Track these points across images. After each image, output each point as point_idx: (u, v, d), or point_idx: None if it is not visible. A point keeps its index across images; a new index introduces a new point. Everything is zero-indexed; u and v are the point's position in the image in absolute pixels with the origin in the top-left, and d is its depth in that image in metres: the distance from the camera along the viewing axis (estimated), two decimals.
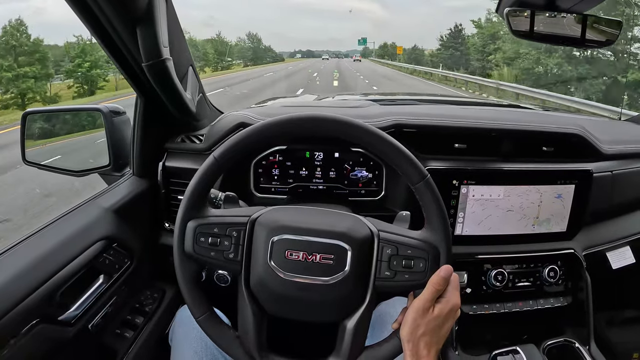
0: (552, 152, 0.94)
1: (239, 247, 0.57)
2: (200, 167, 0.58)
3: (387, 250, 0.56)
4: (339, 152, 0.93)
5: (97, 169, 0.99)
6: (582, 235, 0.99)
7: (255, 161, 0.93)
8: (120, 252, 0.84)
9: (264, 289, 0.57)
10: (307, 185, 0.95)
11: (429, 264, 0.56)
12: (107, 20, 0.67)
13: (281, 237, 0.56)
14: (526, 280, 0.95)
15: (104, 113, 0.95)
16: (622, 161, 1.02)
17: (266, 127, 0.58)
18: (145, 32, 0.68)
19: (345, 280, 0.55)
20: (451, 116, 0.96)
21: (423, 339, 0.53)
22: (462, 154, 0.92)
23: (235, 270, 0.58)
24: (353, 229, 0.57)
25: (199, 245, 0.57)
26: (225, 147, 0.57)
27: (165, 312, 0.95)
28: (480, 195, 0.90)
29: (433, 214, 0.57)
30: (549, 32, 0.89)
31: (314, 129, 0.59)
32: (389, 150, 0.58)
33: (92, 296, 0.76)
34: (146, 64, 0.70)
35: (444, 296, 0.55)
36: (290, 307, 0.58)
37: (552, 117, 1.19)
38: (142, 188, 0.94)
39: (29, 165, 0.99)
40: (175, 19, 0.81)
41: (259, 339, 0.57)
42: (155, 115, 0.91)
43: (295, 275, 0.55)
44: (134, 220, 0.90)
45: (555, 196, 0.92)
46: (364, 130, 0.58)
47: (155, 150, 0.95)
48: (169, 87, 0.77)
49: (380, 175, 0.94)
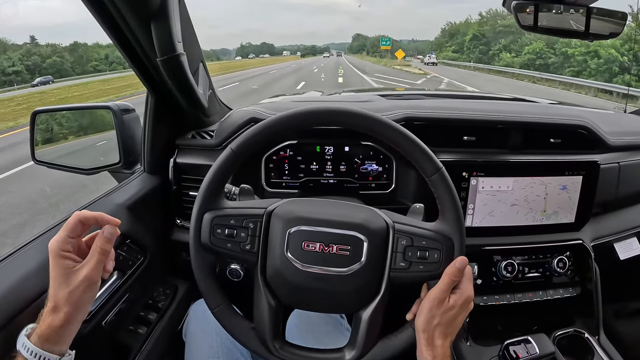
0: (560, 143, 0.95)
1: (255, 239, 0.58)
2: (213, 163, 0.59)
3: (402, 242, 0.57)
4: (349, 146, 0.94)
5: (108, 167, 0.99)
6: (590, 226, 0.99)
7: (266, 156, 0.94)
8: (133, 249, 0.84)
9: (281, 280, 0.57)
10: (317, 180, 0.96)
11: (444, 255, 0.56)
12: (121, 17, 0.68)
13: (298, 228, 0.57)
14: (535, 271, 0.96)
15: (113, 111, 0.95)
16: (628, 152, 1.03)
17: (283, 120, 0.58)
18: (159, 28, 0.69)
19: (362, 271, 0.56)
20: (459, 109, 0.97)
21: (438, 328, 0.54)
22: (472, 147, 0.93)
23: (251, 262, 0.58)
24: (369, 220, 0.58)
25: (216, 237, 0.57)
26: (243, 139, 0.58)
27: (178, 308, 0.96)
28: (489, 187, 0.90)
29: (447, 206, 0.57)
30: (554, 25, 0.90)
31: (329, 121, 0.60)
32: (404, 142, 0.58)
33: (106, 293, 0.76)
34: (161, 59, 0.71)
35: (459, 287, 0.56)
36: (307, 298, 0.58)
37: (558, 110, 1.20)
38: (153, 185, 0.95)
39: (39, 164, 0.99)
40: (187, 15, 0.82)
41: (274, 330, 0.58)
42: (166, 111, 0.91)
43: (312, 266, 0.56)
44: (146, 217, 0.90)
45: (560, 187, 0.93)
46: (378, 122, 0.58)
47: (166, 147, 0.96)
48: (183, 82, 0.78)
49: (391, 168, 0.95)
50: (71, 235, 0.51)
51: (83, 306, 0.51)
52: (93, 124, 1.13)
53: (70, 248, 0.51)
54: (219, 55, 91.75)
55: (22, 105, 14.17)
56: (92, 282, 0.50)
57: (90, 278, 0.50)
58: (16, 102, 15.56)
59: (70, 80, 32.24)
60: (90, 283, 0.50)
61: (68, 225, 0.51)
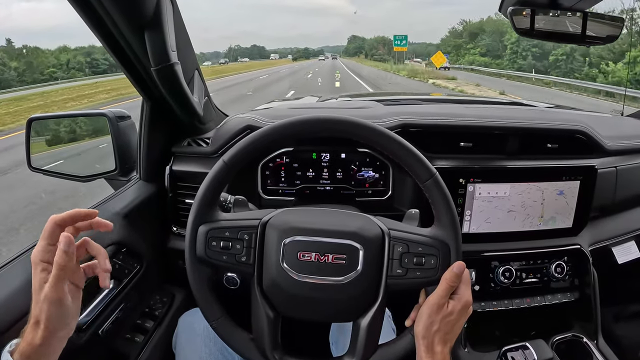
0: (557, 148, 0.95)
1: (251, 250, 0.57)
2: (209, 171, 0.58)
3: (398, 248, 0.56)
4: (346, 152, 0.94)
5: (104, 174, 0.99)
6: (588, 230, 0.99)
7: (263, 163, 0.93)
8: (129, 257, 0.84)
9: (277, 291, 0.57)
10: (314, 187, 0.95)
11: (440, 260, 0.56)
12: (114, 26, 0.67)
13: (293, 239, 0.56)
14: (533, 276, 0.96)
15: (109, 118, 0.95)
16: (625, 156, 1.03)
17: (273, 131, 0.58)
18: (153, 37, 0.68)
19: (358, 280, 0.55)
20: (456, 115, 0.97)
21: (437, 335, 0.54)
22: (468, 153, 0.93)
23: (247, 273, 0.58)
24: (364, 228, 0.58)
25: (211, 250, 0.57)
26: (235, 150, 0.58)
27: (175, 316, 0.95)
28: (486, 193, 0.90)
29: (442, 211, 0.57)
30: (550, 29, 0.90)
31: (321, 130, 0.59)
32: (397, 149, 0.58)
33: (103, 301, 0.76)
34: (155, 68, 0.70)
35: (457, 293, 0.56)
36: (304, 308, 0.58)
37: (555, 114, 1.19)
38: (149, 192, 0.94)
39: (34, 172, 0.99)
40: (181, 23, 0.81)
41: (273, 341, 0.57)
42: (162, 119, 0.91)
43: (308, 276, 0.56)
44: (142, 225, 0.90)
45: (557, 192, 0.93)
46: (372, 130, 0.58)
47: (162, 154, 0.96)
48: (177, 91, 0.77)
49: (387, 175, 0.94)
50: (51, 243, 0.48)
51: (59, 323, 0.47)
52: None
53: (50, 258, 0.48)
54: (207, 58, 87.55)
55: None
56: (53, 300, 0.46)
57: (49, 297, 0.46)
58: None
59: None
60: (52, 301, 0.46)
61: (45, 232, 0.48)
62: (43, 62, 48.55)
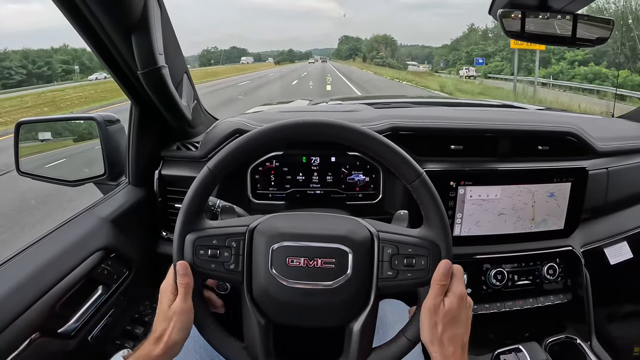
0: (548, 150, 0.95)
1: (239, 257, 0.56)
2: (196, 177, 0.57)
3: (387, 250, 0.56)
4: (336, 156, 0.93)
5: (93, 179, 0.98)
6: (580, 232, 0.99)
7: (252, 167, 0.93)
8: (118, 262, 0.83)
9: (268, 298, 0.56)
10: (304, 190, 0.95)
11: (431, 260, 0.56)
12: (101, 28, 0.67)
13: (281, 244, 0.56)
14: (525, 278, 0.96)
15: (98, 122, 0.94)
16: (616, 158, 1.03)
17: (259, 136, 0.57)
18: (140, 40, 0.67)
19: (348, 283, 0.55)
20: (446, 118, 0.97)
21: (445, 335, 0.54)
22: (459, 155, 0.93)
23: (237, 281, 0.57)
24: (352, 231, 0.57)
25: (199, 258, 0.56)
26: (219, 157, 0.57)
27: None
28: (477, 196, 0.90)
29: (431, 211, 0.57)
30: (540, 31, 0.90)
31: (307, 134, 0.59)
32: (383, 151, 0.58)
33: (92, 307, 0.75)
34: (142, 72, 0.70)
35: (449, 289, 0.56)
36: (295, 313, 0.57)
37: (546, 116, 1.20)
38: (138, 197, 0.93)
39: (23, 176, 0.98)
40: (170, 26, 0.81)
41: (266, 348, 0.57)
42: (151, 123, 0.90)
43: (298, 281, 0.55)
44: (131, 230, 0.89)
45: (548, 194, 0.93)
46: (357, 132, 0.57)
47: (151, 159, 0.95)
48: (165, 94, 0.76)
49: (378, 178, 0.94)
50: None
51: (184, 332, 0.56)
52: None
53: (174, 288, 0.58)
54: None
55: None
56: (184, 310, 0.56)
57: (180, 308, 0.56)
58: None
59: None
60: (182, 311, 0.56)
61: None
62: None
